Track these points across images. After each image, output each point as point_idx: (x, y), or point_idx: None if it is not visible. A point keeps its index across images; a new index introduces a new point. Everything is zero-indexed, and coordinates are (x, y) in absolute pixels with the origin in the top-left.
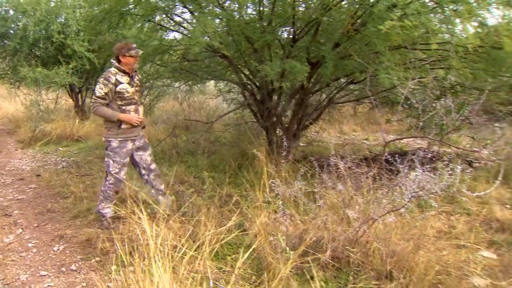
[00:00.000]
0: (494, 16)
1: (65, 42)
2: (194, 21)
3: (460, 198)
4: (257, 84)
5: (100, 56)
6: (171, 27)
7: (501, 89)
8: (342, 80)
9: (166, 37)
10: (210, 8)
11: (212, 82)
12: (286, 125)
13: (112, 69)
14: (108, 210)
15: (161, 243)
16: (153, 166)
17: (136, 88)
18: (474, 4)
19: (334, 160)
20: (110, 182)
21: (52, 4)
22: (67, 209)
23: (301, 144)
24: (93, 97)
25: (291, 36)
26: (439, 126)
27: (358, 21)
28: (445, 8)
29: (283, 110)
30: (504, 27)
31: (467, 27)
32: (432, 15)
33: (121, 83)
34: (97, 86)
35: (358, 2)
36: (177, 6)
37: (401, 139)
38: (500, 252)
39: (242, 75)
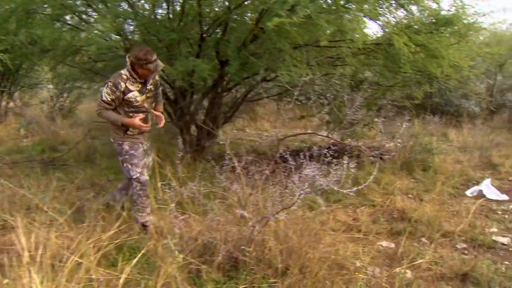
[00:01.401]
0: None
1: None
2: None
3: (366, 190)
4: (170, 83)
5: (13, 57)
6: (81, 27)
7: (399, 84)
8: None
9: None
10: (111, 8)
11: None
12: (201, 124)
13: (123, 73)
14: (149, 218)
15: (43, 252)
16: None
17: (148, 95)
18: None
19: (233, 158)
20: (138, 188)
21: None
22: None
23: (221, 142)
24: (99, 99)
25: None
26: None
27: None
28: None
29: (196, 109)
30: (394, 25)
31: (360, 26)
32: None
33: (130, 91)
34: (104, 90)
35: (261, 1)
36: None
37: (293, 136)
38: (397, 241)
39: None
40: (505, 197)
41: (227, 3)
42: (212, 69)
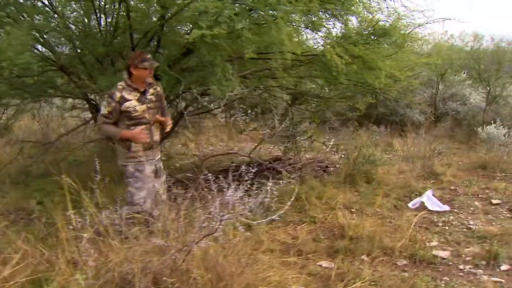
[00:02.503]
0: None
1: None
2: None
3: (308, 206)
4: None
5: None
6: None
7: (340, 96)
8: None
9: None
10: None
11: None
12: None
13: (119, 84)
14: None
15: None
16: (164, 197)
17: (149, 105)
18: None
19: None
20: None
21: None
22: None
23: (163, 159)
24: (99, 114)
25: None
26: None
27: None
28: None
29: None
30: (332, 36)
31: (289, 38)
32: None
33: (127, 100)
34: (102, 103)
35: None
36: None
37: (217, 155)
38: (337, 260)
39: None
40: (446, 207)
41: (157, 15)
42: None
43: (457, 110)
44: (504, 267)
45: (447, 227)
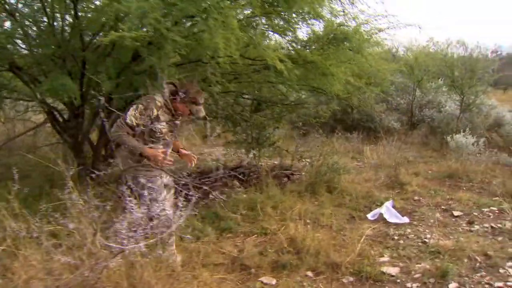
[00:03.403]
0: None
1: None
2: None
3: (262, 217)
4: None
5: None
6: None
7: (297, 102)
8: None
9: None
10: None
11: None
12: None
13: (158, 100)
14: (179, 258)
15: None
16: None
17: (170, 128)
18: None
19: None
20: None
21: None
22: None
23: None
24: (120, 120)
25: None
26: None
27: None
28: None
29: (87, 130)
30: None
31: (219, 41)
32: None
33: (160, 121)
34: (131, 112)
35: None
36: None
37: (133, 167)
38: (280, 275)
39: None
40: (406, 219)
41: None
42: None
43: (432, 117)
44: (452, 285)
45: (402, 241)
